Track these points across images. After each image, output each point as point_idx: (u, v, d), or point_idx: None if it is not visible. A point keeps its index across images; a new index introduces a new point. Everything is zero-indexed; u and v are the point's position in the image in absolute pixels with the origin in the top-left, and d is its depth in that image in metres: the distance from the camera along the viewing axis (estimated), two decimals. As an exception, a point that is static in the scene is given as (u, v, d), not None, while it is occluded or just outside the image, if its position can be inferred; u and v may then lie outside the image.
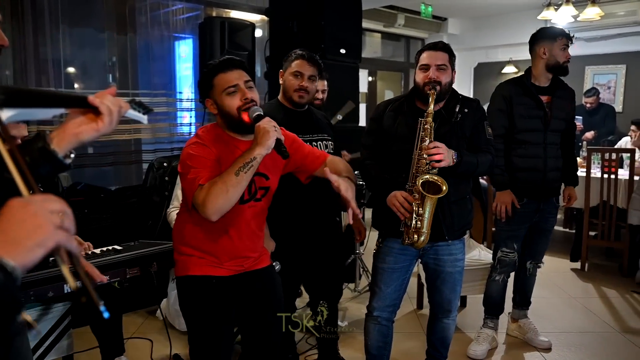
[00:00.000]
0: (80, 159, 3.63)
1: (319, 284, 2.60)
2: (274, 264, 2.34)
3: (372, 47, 7.06)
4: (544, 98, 2.73)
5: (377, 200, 2.23)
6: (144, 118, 1.17)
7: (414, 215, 1.98)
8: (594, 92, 5.79)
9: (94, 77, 3.97)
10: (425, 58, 2.10)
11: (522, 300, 3.07)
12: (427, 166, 1.97)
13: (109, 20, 3.84)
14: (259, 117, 1.63)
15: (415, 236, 2.00)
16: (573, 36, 2.76)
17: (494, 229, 4.05)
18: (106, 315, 0.78)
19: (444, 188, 1.93)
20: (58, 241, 0.72)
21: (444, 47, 2.13)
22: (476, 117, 2.18)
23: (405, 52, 7.53)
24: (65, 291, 2.09)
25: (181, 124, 4.38)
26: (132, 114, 1.13)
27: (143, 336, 3.06)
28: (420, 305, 3.54)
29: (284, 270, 2.34)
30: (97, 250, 2.34)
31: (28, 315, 0.76)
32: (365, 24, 5.52)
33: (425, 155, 1.96)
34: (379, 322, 2.25)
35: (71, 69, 3.83)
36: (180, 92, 4.31)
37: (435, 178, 1.96)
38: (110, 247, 2.39)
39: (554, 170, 2.78)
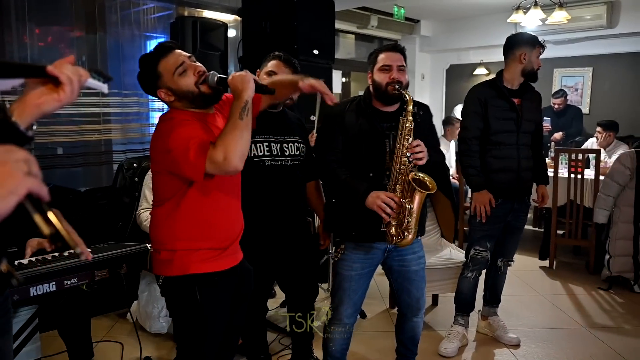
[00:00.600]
0: (49, 159, 3.55)
1: (295, 283, 2.60)
2: None
3: (345, 48, 7.10)
4: (515, 100, 2.81)
5: (341, 204, 2.19)
6: (104, 87, 1.13)
7: (404, 213, 2.00)
8: (561, 93, 5.94)
9: (63, 77, 3.89)
10: (385, 59, 2.12)
11: (492, 298, 3.13)
12: (410, 164, 2.01)
13: (78, 19, 3.77)
14: (223, 79, 1.63)
15: (405, 233, 2.01)
16: (544, 44, 2.86)
17: (465, 228, 4.12)
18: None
19: (431, 185, 1.99)
20: (29, 187, 0.72)
21: (402, 49, 2.17)
22: (429, 118, 2.29)
23: (380, 53, 7.59)
24: (31, 294, 2.05)
25: (152, 125, 4.33)
26: (92, 82, 1.10)
27: (113, 339, 3.01)
28: (392, 305, 3.57)
29: (255, 271, 2.34)
30: (65, 252, 2.29)
31: (5, 264, 0.76)
32: (339, 25, 5.55)
33: (408, 154, 2.00)
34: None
35: (39, 68, 3.74)
36: (152, 92, 4.26)
37: (422, 175, 2.00)
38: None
39: (526, 170, 2.87)
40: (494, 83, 2.86)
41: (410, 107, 2.04)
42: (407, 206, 2.00)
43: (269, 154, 2.33)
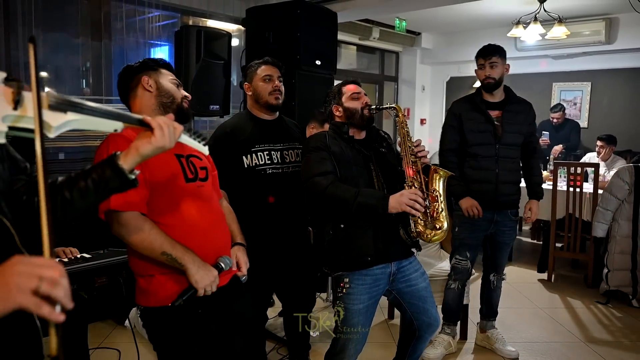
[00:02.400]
0: (50, 165, 3.56)
1: (292, 293, 2.60)
2: (239, 274, 2.32)
3: (347, 59, 7.15)
4: (495, 113, 2.86)
5: (345, 231, 2.05)
6: (204, 149, 1.37)
7: (433, 201, 2.03)
8: (559, 107, 5.99)
9: (67, 83, 3.91)
10: (352, 89, 2.23)
11: (489, 312, 3.14)
12: (419, 160, 2.09)
13: (84, 26, 3.80)
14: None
15: (438, 225, 2.01)
16: (485, 55, 2.88)
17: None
18: None
19: (444, 173, 2.07)
20: (20, 303, 0.75)
21: (359, 82, 2.31)
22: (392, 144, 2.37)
23: (380, 64, 7.64)
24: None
25: (155, 132, 4.34)
26: (189, 141, 1.31)
27: (110, 346, 3.00)
28: (391, 315, 3.57)
29: (254, 281, 2.34)
30: (65, 259, 2.30)
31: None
32: (341, 36, 5.59)
33: (416, 151, 2.09)
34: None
35: (44, 74, 3.76)
36: (154, 100, 4.28)
37: (433, 166, 2.09)
38: (78, 255, 2.35)
39: (507, 183, 2.87)
40: (470, 97, 2.98)
41: (401, 112, 2.20)
42: (435, 194, 2.04)
43: (269, 162, 2.34)
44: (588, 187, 4.38)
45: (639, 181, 3.85)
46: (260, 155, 2.33)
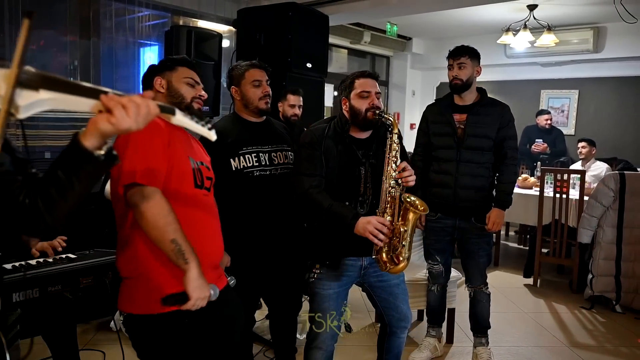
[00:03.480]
0: (36, 164, 3.51)
1: (279, 296, 2.59)
2: (228, 279, 2.32)
3: (338, 62, 7.16)
4: (460, 116, 2.77)
5: (320, 228, 2.12)
6: (210, 133, 1.14)
7: (398, 237, 1.96)
8: (547, 111, 6.07)
9: (54, 81, 3.87)
10: (363, 85, 2.08)
11: (474, 326, 3.01)
12: (399, 187, 2.00)
13: (72, 24, 3.76)
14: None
15: (399, 258, 1.97)
16: (452, 55, 2.79)
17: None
18: None
19: (422, 207, 1.95)
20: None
21: (377, 76, 2.17)
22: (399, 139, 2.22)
23: (371, 68, 7.67)
24: (14, 300, 2.02)
25: (143, 131, 4.31)
26: (185, 121, 1.10)
27: (95, 348, 2.96)
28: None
29: (243, 284, 2.33)
30: (50, 259, 2.27)
31: None
32: (332, 39, 5.61)
33: (397, 177, 1.99)
34: (327, 350, 2.19)
35: (31, 69, 3.72)
36: (143, 99, 4.26)
37: (413, 198, 1.97)
38: (64, 256, 2.33)
39: (468, 188, 2.75)
40: (439, 99, 2.95)
41: (396, 129, 2.04)
42: (401, 229, 1.96)
43: (257, 164, 2.32)
44: (574, 193, 4.43)
45: (624, 188, 3.90)
46: (248, 157, 2.32)
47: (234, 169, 2.29)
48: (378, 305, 2.28)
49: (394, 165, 2.01)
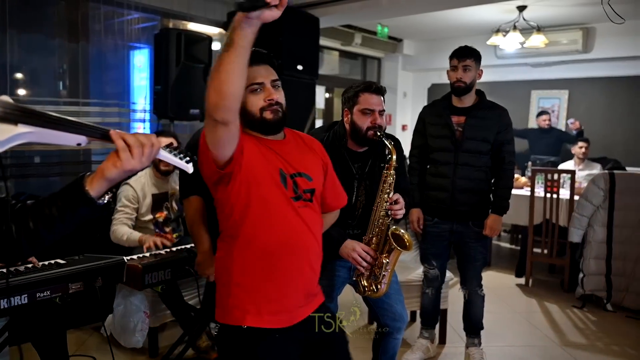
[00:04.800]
0: (25, 168, 3.49)
1: None
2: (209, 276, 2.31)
3: (329, 64, 7.17)
4: (458, 118, 2.74)
5: None
6: (188, 167, 1.12)
7: (380, 268, 1.98)
8: (546, 112, 6.14)
9: (43, 85, 3.84)
10: (369, 102, 2.02)
11: (467, 327, 3.02)
12: (387, 218, 2.00)
13: (61, 27, 3.73)
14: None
15: (379, 286, 2.00)
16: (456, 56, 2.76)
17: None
18: None
19: (409, 244, 1.97)
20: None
21: (384, 91, 2.08)
22: (399, 150, 2.16)
23: (362, 70, 7.68)
24: (2, 307, 2.00)
25: (134, 135, 4.28)
26: (172, 159, 1.10)
27: (85, 354, 2.94)
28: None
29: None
30: (39, 264, 2.25)
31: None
32: (323, 41, 5.61)
33: (388, 209, 1.99)
34: None
35: (19, 75, 3.69)
36: (134, 103, 4.23)
37: (402, 232, 1.98)
38: (52, 261, 2.30)
39: (466, 192, 2.73)
40: (437, 101, 2.90)
41: (394, 158, 2.00)
42: (383, 261, 1.98)
43: None
44: (565, 193, 4.46)
45: (614, 188, 3.92)
46: None
47: None
48: (372, 306, 2.28)
49: (386, 196, 2.00)
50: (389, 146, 2.00)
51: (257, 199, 1.47)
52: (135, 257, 2.59)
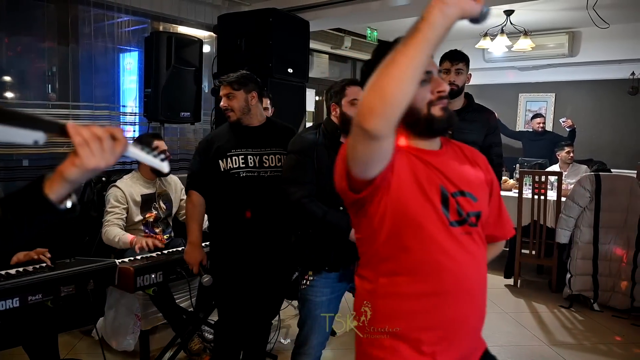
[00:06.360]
0: (13, 171, 3.46)
1: (256, 299, 2.55)
2: (204, 276, 2.36)
3: (319, 67, 7.20)
4: None
5: (316, 236, 2.11)
6: (163, 165, 1.02)
7: None
8: (540, 115, 6.23)
9: (32, 87, 3.81)
10: (357, 93, 2.04)
11: None
12: None
13: (50, 30, 3.72)
14: None
15: None
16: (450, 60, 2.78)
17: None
18: None
19: None
20: None
21: None
22: None
23: (352, 73, 7.71)
24: (-7, 310, 1.99)
25: (124, 138, 4.26)
26: (137, 154, 1.00)
27: (76, 357, 2.92)
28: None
29: (222, 283, 2.36)
30: (30, 268, 2.24)
31: None
32: (313, 45, 5.64)
33: None
34: (315, 357, 2.19)
35: (7, 78, 3.67)
36: (124, 106, 4.22)
37: None
38: (44, 264, 2.30)
39: None
40: None
41: None
42: None
43: (244, 165, 2.36)
44: (552, 194, 4.52)
45: (599, 189, 3.99)
46: (235, 159, 2.36)
47: (222, 169, 2.36)
48: None
49: None
50: None
51: (409, 226, 1.20)
52: (126, 259, 2.59)
